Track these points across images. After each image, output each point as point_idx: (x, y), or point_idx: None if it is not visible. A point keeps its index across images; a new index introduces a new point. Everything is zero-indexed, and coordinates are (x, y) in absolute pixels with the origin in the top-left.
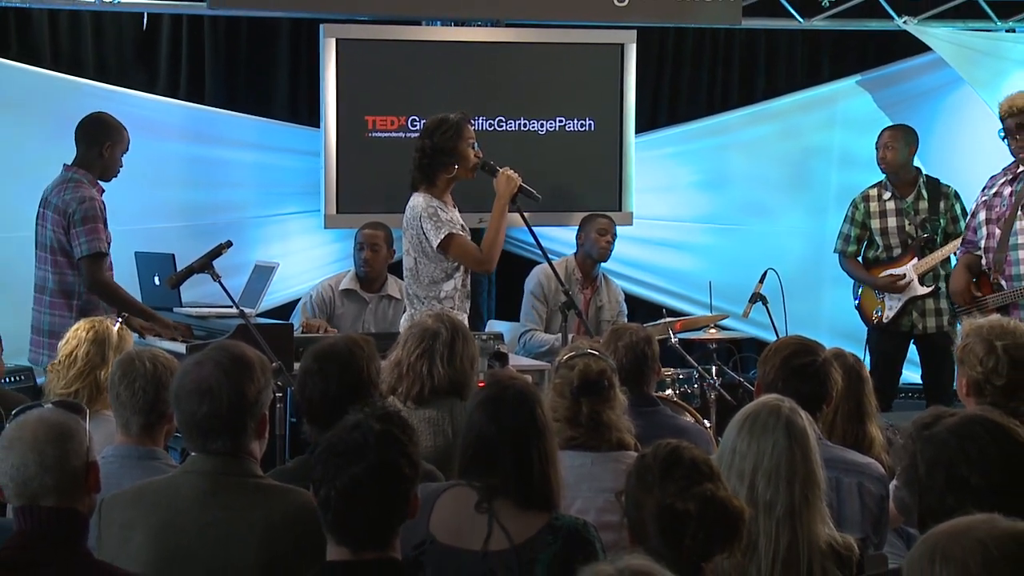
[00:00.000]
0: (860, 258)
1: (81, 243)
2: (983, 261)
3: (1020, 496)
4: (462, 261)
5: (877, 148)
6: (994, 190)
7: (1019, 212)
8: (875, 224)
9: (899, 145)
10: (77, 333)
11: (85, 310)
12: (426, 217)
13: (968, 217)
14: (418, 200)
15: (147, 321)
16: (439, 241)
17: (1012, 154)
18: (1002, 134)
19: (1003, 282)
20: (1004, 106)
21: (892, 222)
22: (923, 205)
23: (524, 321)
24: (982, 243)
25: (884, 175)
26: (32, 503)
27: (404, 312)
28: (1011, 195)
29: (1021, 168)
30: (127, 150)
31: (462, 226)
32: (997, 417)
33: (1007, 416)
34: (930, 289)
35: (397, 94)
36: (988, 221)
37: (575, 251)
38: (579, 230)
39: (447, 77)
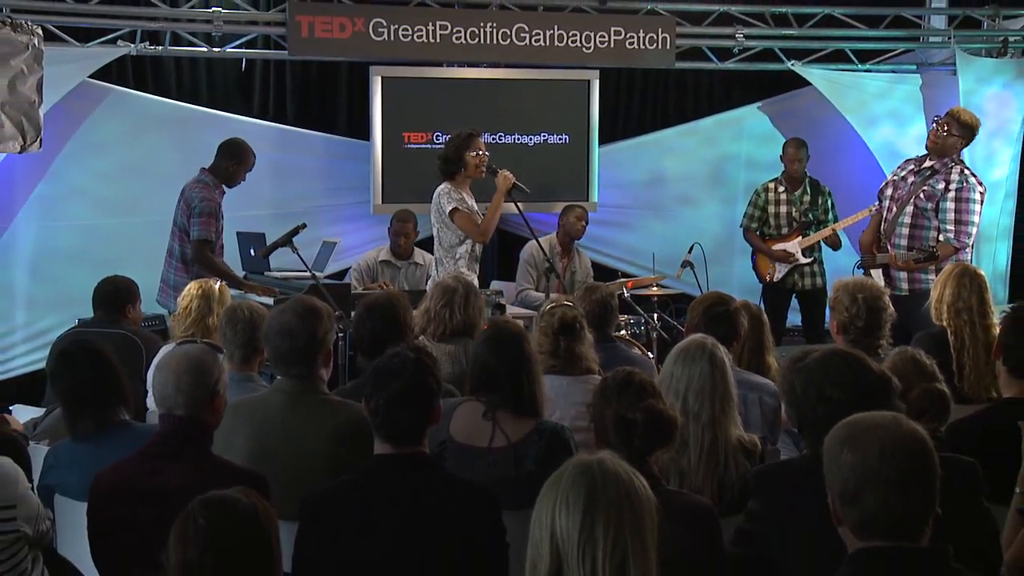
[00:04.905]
0: (758, 232)
1: (195, 230)
2: (882, 227)
3: (867, 405)
4: (464, 230)
5: (785, 157)
6: (903, 173)
7: (912, 199)
8: (771, 209)
9: (803, 157)
10: (190, 291)
11: (198, 274)
12: (443, 195)
13: (883, 184)
14: (440, 186)
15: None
16: (449, 210)
17: (926, 141)
18: (934, 122)
19: (889, 247)
20: (954, 109)
21: (783, 209)
22: (806, 198)
23: (520, 282)
24: (883, 212)
25: (784, 175)
26: (169, 412)
27: (429, 276)
28: (912, 184)
29: (926, 164)
30: (251, 168)
31: (476, 212)
32: (850, 350)
33: (865, 349)
34: (809, 260)
35: (426, 116)
36: (891, 198)
37: (556, 231)
38: (561, 216)
39: (462, 104)
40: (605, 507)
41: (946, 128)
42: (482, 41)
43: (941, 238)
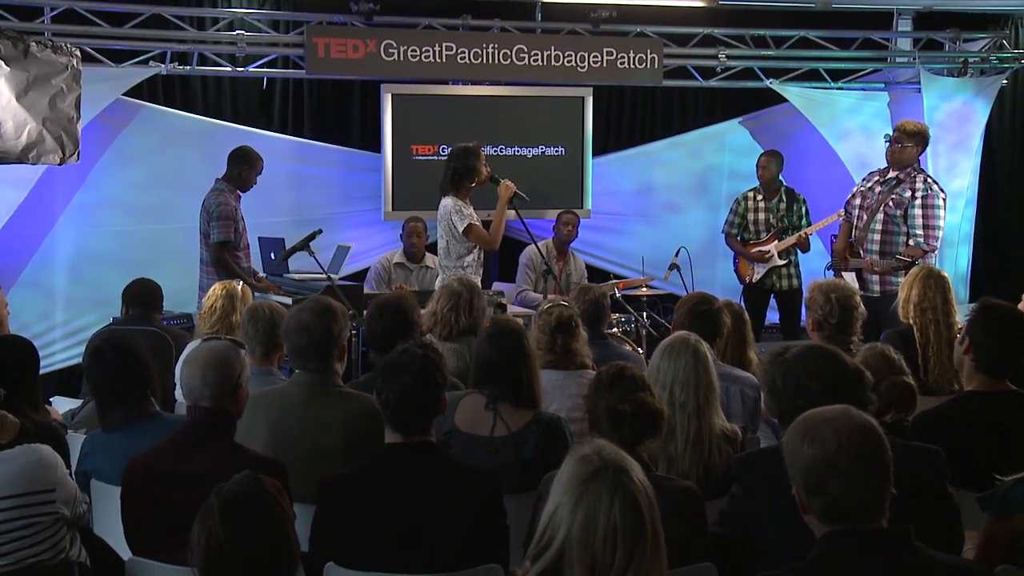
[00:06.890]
0: (739, 237)
1: (214, 232)
2: (853, 234)
3: (841, 395)
4: (477, 242)
5: (757, 167)
6: (870, 184)
7: (881, 208)
8: (750, 216)
9: (771, 166)
10: (215, 291)
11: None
12: (454, 212)
13: (849, 195)
14: (447, 201)
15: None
16: (463, 228)
17: (885, 157)
18: (887, 140)
19: (861, 252)
20: (899, 124)
21: (761, 216)
22: (782, 206)
23: (519, 283)
24: (854, 221)
25: (759, 183)
26: (195, 403)
27: (438, 277)
28: (880, 193)
29: (890, 175)
30: (260, 172)
31: (479, 220)
32: (826, 346)
33: (838, 344)
34: (785, 262)
35: (432, 130)
36: (860, 207)
37: (552, 236)
38: (555, 222)
39: (466, 119)
40: (620, 506)
41: (899, 143)
42: (485, 61)
43: (911, 242)
